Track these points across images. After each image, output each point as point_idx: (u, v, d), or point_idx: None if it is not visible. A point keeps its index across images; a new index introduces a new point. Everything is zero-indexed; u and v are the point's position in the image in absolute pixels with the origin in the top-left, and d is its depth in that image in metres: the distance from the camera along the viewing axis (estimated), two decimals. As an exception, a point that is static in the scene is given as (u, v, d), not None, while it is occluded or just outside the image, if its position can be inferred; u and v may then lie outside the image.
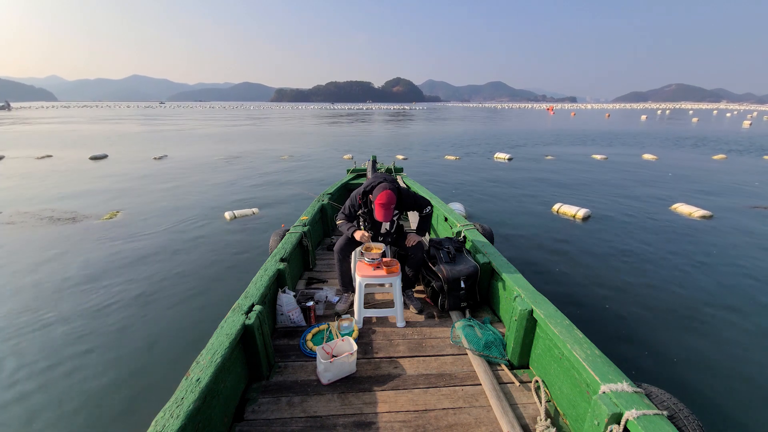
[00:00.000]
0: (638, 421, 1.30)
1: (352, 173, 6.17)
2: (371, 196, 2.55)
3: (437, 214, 4.23)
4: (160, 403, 1.38)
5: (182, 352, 3.05)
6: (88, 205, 7.41)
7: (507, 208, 7.51)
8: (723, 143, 19.12)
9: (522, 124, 36.40)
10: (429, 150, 16.34)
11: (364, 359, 2.24)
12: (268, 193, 8.60)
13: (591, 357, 1.63)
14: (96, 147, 16.45)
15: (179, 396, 1.41)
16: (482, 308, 2.80)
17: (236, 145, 18.02)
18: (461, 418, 1.83)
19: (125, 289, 4.13)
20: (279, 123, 36.82)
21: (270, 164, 12.46)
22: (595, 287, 4.21)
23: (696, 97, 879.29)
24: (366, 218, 2.71)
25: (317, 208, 4.11)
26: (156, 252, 5.15)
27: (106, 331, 3.37)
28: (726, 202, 7.76)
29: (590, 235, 5.86)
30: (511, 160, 13.46)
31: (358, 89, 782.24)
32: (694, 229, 6.17)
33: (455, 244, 2.89)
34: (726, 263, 4.82)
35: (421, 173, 10.81)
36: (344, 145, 17.75)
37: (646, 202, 7.80)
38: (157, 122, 37.23)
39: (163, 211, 7.07)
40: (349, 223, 2.74)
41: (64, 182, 9.61)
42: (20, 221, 6.43)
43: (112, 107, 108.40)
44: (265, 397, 1.95)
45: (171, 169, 11.51)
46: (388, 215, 2.45)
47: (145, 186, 9.23)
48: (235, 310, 2.00)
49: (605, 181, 10.04)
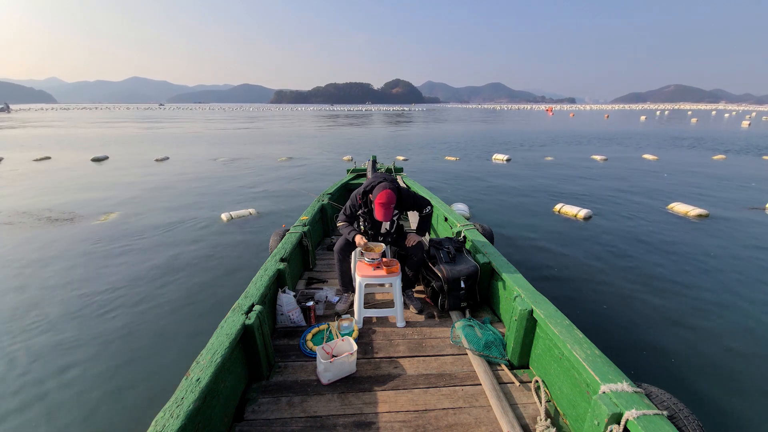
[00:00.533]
0: (638, 421, 1.30)
1: (352, 173, 6.17)
2: (371, 195, 2.55)
3: (437, 214, 4.23)
4: (160, 403, 1.38)
5: (182, 352, 3.05)
6: (86, 207, 7.39)
7: (507, 208, 7.51)
8: (722, 144, 19.15)
9: (521, 125, 36.44)
10: (428, 151, 16.35)
11: (364, 359, 2.24)
12: (267, 194, 8.59)
13: (591, 357, 1.63)
14: (95, 149, 16.42)
15: (179, 396, 1.41)
16: (482, 308, 2.80)
17: (235, 147, 18.00)
18: (461, 418, 1.83)
19: (124, 289, 4.12)
20: (278, 124, 36.81)
21: (268, 166, 12.45)
22: (596, 287, 4.21)
23: (695, 98, 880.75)
24: (366, 218, 2.71)
25: (317, 208, 4.11)
26: (155, 252, 5.14)
27: (106, 332, 3.37)
28: (725, 203, 7.77)
29: (590, 235, 5.86)
30: (509, 161, 13.48)
31: (357, 91, 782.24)
32: (694, 228, 6.17)
33: (455, 244, 2.89)
34: (726, 263, 4.82)
35: (421, 174, 10.82)
36: (343, 147, 17.74)
37: (645, 202, 7.81)
38: (158, 124, 37.22)
39: (161, 212, 7.06)
40: (350, 225, 2.73)
41: (62, 184, 9.60)
42: (18, 222, 6.42)
43: (111, 109, 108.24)
44: (265, 397, 1.94)
45: (171, 171, 11.50)
46: (388, 215, 2.45)
47: (144, 187, 9.22)
48: (235, 310, 1.99)
49: (605, 181, 10.05)
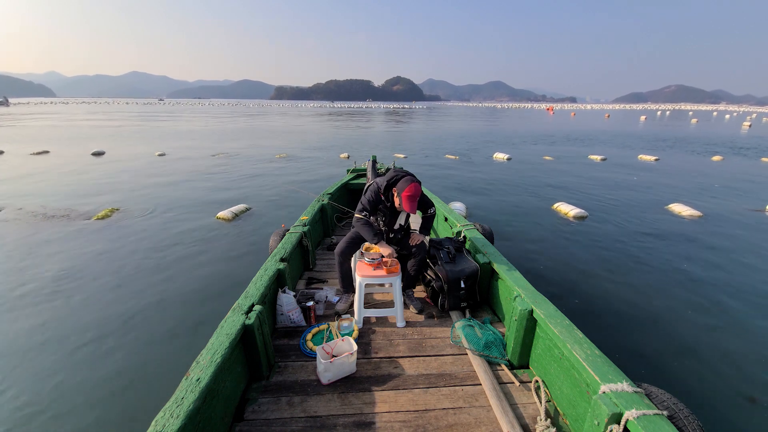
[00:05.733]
0: (638, 421, 1.30)
1: (352, 173, 6.17)
2: (395, 189, 2.55)
3: (437, 214, 4.23)
4: (160, 403, 1.38)
5: (182, 352, 3.05)
6: (84, 202, 7.37)
7: (507, 207, 7.51)
8: (722, 145, 19.13)
9: (521, 124, 36.43)
10: (428, 149, 16.35)
11: (364, 359, 2.24)
12: (266, 193, 8.58)
13: (591, 357, 1.63)
14: (95, 143, 16.41)
15: (179, 396, 1.41)
16: (482, 308, 2.80)
17: (234, 142, 17.98)
18: (461, 418, 1.83)
19: (123, 288, 4.12)
20: (278, 120, 36.77)
21: (267, 163, 12.44)
22: (596, 287, 4.21)
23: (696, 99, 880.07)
24: (385, 212, 2.72)
25: (317, 208, 4.10)
26: (154, 251, 5.14)
27: (105, 332, 3.36)
28: (725, 203, 7.77)
29: (590, 235, 5.86)
30: (510, 160, 13.48)
31: (358, 87, 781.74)
32: (694, 228, 6.17)
33: (455, 244, 2.90)
34: (725, 263, 4.83)
35: (421, 173, 10.81)
36: (343, 144, 17.73)
37: (645, 202, 7.81)
38: (157, 119, 37.15)
39: (160, 210, 7.05)
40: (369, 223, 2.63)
41: (60, 178, 9.57)
42: (14, 218, 6.40)
43: (111, 103, 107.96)
44: (265, 397, 1.95)
45: (170, 167, 11.49)
46: (414, 207, 2.50)
47: (142, 183, 9.20)
48: (235, 310, 1.99)
49: (604, 181, 10.05)
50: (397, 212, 2.76)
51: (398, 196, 2.53)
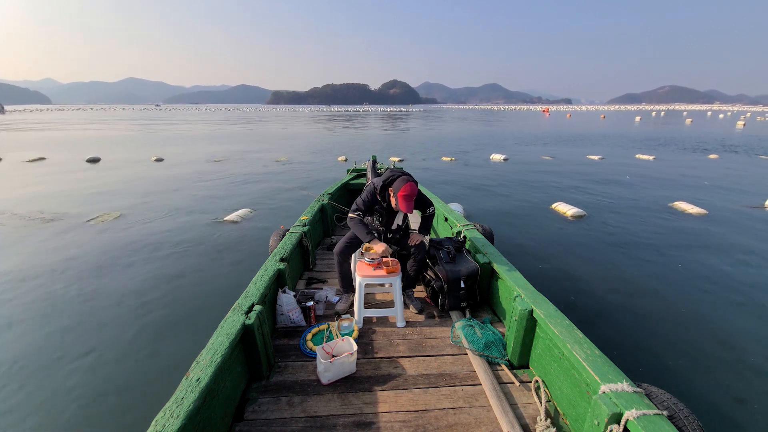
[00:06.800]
0: (638, 421, 1.30)
1: (352, 173, 6.18)
2: (391, 189, 2.55)
3: (437, 214, 4.23)
4: (160, 403, 1.38)
5: (182, 352, 3.04)
6: (81, 208, 7.32)
7: (506, 208, 7.53)
8: (717, 144, 19.25)
9: (518, 126, 36.51)
10: (425, 151, 16.34)
11: (364, 359, 2.24)
12: (267, 194, 8.57)
13: (591, 357, 1.63)
14: (90, 149, 16.29)
15: (179, 396, 1.40)
16: (482, 308, 2.80)
17: (233, 146, 17.96)
18: (461, 418, 1.83)
19: (123, 290, 4.10)
20: (275, 125, 36.71)
21: (266, 166, 12.42)
22: (596, 287, 4.22)
23: (689, 99, 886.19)
24: (382, 213, 2.71)
25: (317, 208, 4.10)
26: (153, 253, 5.12)
27: (105, 333, 3.35)
28: (724, 201, 7.81)
29: (589, 235, 5.88)
30: (507, 161, 13.50)
31: (354, 91, 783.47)
32: (694, 227, 6.19)
33: (455, 244, 2.90)
34: (726, 262, 4.84)
35: (417, 175, 10.79)
36: (340, 148, 17.71)
37: (644, 201, 7.83)
38: (154, 125, 37.01)
39: (159, 213, 7.02)
40: (363, 223, 2.65)
41: (57, 184, 9.52)
42: (9, 224, 6.34)
43: (107, 110, 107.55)
44: (265, 397, 1.94)
45: (168, 171, 11.44)
46: (410, 207, 2.49)
47: (141, 188, 9.17)
48: (235, 310, 1.99)
49: (603, 180, 10.08)
50: (395, 212, 2.76)
51: (394, 196, 2.53)
